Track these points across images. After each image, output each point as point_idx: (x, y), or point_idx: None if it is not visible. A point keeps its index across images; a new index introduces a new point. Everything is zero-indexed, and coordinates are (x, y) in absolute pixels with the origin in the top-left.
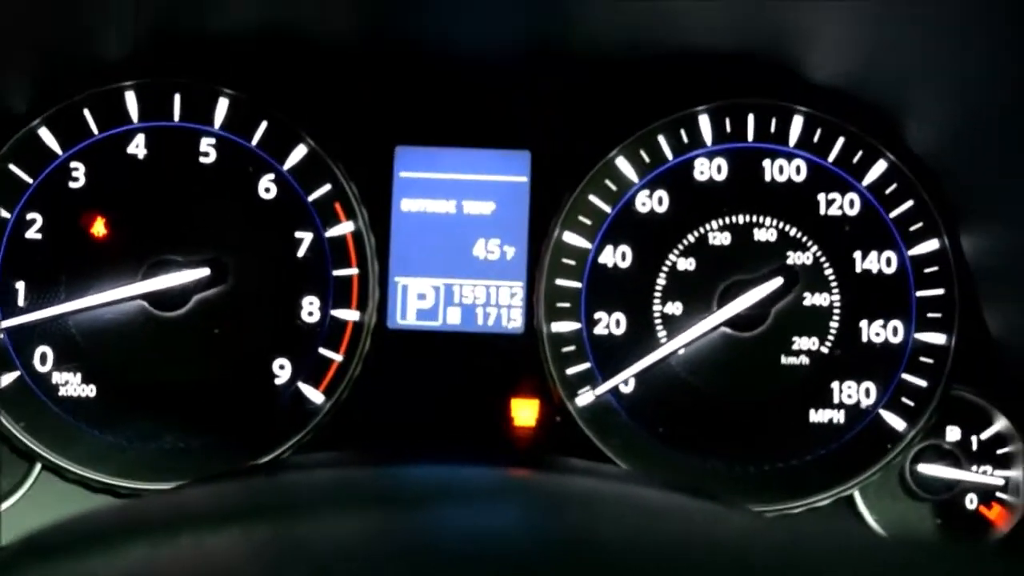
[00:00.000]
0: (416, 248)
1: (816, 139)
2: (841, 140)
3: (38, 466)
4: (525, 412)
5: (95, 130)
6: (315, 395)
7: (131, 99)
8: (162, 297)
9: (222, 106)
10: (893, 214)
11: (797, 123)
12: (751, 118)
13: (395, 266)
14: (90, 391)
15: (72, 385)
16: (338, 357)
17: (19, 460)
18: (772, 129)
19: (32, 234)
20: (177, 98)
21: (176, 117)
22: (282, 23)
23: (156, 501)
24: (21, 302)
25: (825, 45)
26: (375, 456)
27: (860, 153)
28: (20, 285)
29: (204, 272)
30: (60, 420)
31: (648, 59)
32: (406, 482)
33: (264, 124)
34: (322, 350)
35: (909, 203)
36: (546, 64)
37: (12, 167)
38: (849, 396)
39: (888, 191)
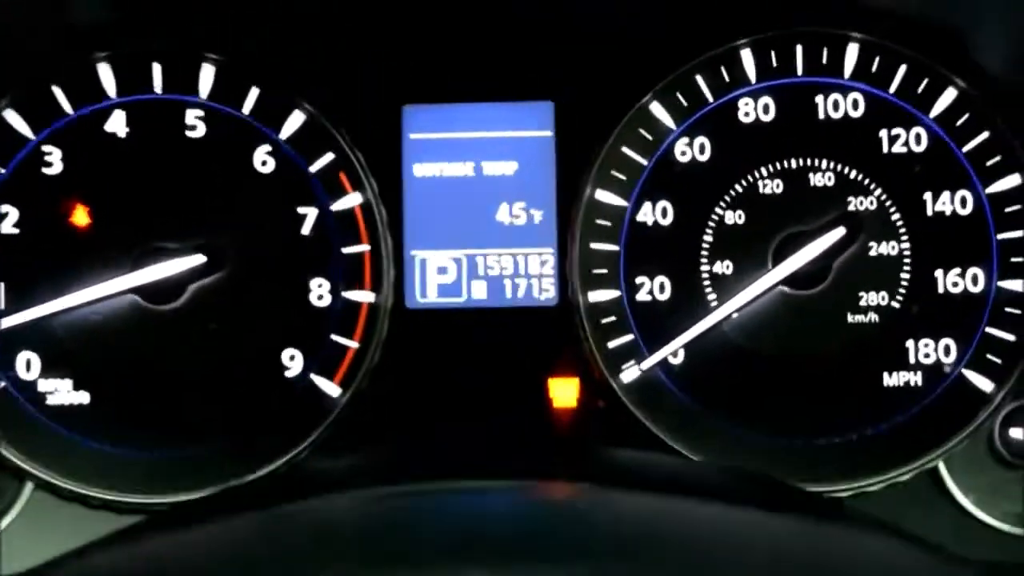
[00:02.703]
0: (433, 217)
1: (874, 69)
2: (903, 68)
3: (30, 484)
4: (564, 392)
5: (68, 109)
6: (330, 387)
7: (106, 72)
8: (155, 289)
9: (207, 73)
10: (966, 148)
11: (852, 52)
12: (799, 49)
13: (411, 239)
14: (83, 398)
15: (62, 392)
16: (353, 344)
17: (10, 478)
18: (824, 60)
19: (7, 229)
20: (157, 68)
21: (157, 89)
22: None
23: None
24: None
25: None
26: (395, 470)
27: (925, 81)
28: None
29: (199, 259)
30: (51, 432)
31: None
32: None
33: (255, 91)
34: (335, 337)
35: (984, 135)
36: (566, 2)
37: None
38: (927, 355)
39: (959, 122)
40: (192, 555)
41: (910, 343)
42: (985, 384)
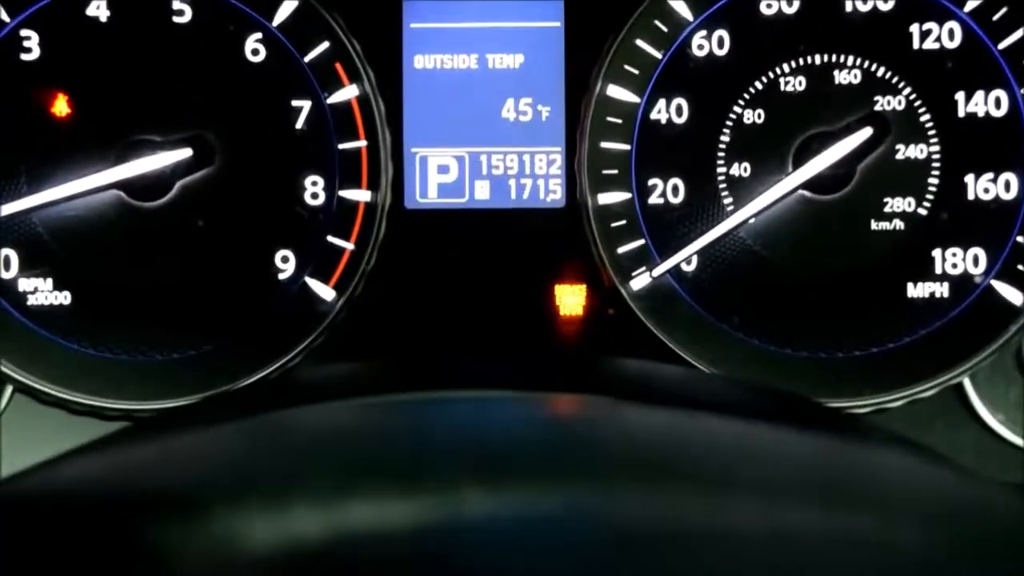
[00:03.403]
0: (434, 113)
1: None
2: None
3: (9, 388)
4: (571, 299)
5: None
6: (325, 291)
7: None
8: (140, 184)
9: None
10: (1002, 45)
11: None
12: None
13: (410, 135)
14: (64, 298)
15: (43, 292)
16: (349, 245)
17: None
18: None
19: None
20: None
21: None
22: None
23: None
24: None
25: None
26: (391, 379)
27: None
28: None
29: (186, 152)
30: (31, 333)
31: None
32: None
33: None
34: (330, 238)
35: (1022, 31)
36: None
37: None
38: (954, 265)
39: (996, 17)
40: (175, 466)
41: (937, 252)
42: (1015, 296)
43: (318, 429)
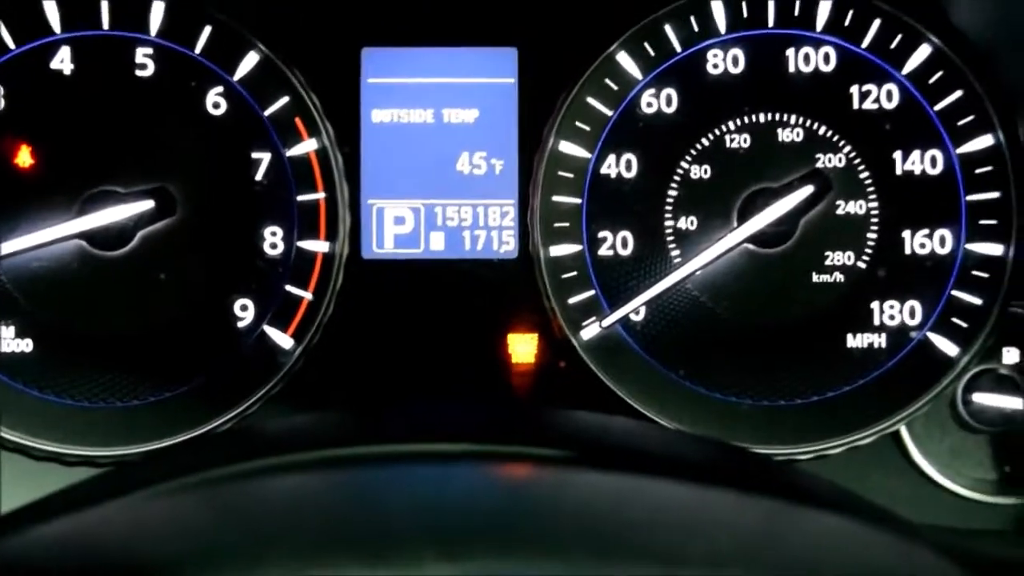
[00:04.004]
0: (391, 165)
1: (847, 22)
2: (877, 22)
3: None
4: (523, 348)
5: (11, 44)
6: (283, 339)
7: (51, 6)
8: (102, 235)
9: (157, 10)
10: (938, 107)
11: (825, 4)
12: (771, 0)
13: (367, 187)
14: (26, 346)
15: (5, 340)
16: (307, 295)
17: None
18: (796, 12)
19: None
20: (105, 2)
21: (105, 25)
22: None
23: None
24: None
25: None
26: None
27: (899, 37)
28: None
29: (148, 204)
30: None
31: None
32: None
33: (208, 29)
34: (288, 287)
35: (957, 93)
36: None
37: None
38: (891, 317)
39: (932, 80)
40: (143, 537)
41: (875, 304)
42: (949, 348)
43: (283, 498)
